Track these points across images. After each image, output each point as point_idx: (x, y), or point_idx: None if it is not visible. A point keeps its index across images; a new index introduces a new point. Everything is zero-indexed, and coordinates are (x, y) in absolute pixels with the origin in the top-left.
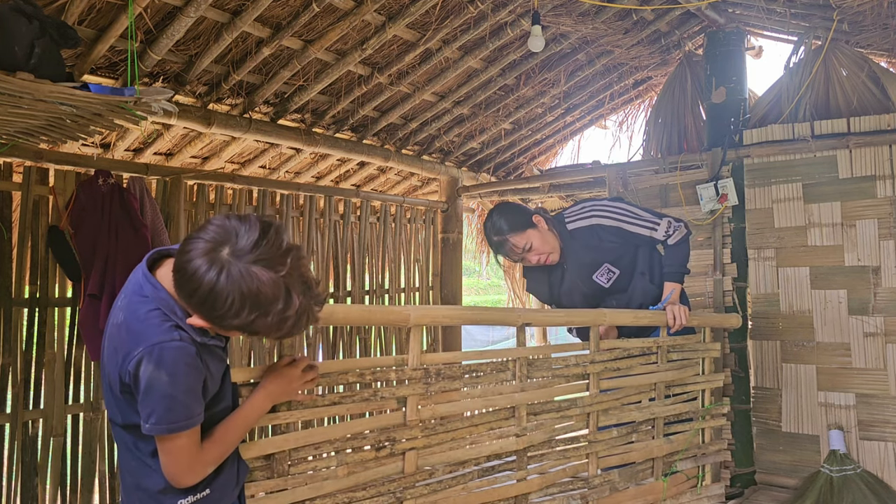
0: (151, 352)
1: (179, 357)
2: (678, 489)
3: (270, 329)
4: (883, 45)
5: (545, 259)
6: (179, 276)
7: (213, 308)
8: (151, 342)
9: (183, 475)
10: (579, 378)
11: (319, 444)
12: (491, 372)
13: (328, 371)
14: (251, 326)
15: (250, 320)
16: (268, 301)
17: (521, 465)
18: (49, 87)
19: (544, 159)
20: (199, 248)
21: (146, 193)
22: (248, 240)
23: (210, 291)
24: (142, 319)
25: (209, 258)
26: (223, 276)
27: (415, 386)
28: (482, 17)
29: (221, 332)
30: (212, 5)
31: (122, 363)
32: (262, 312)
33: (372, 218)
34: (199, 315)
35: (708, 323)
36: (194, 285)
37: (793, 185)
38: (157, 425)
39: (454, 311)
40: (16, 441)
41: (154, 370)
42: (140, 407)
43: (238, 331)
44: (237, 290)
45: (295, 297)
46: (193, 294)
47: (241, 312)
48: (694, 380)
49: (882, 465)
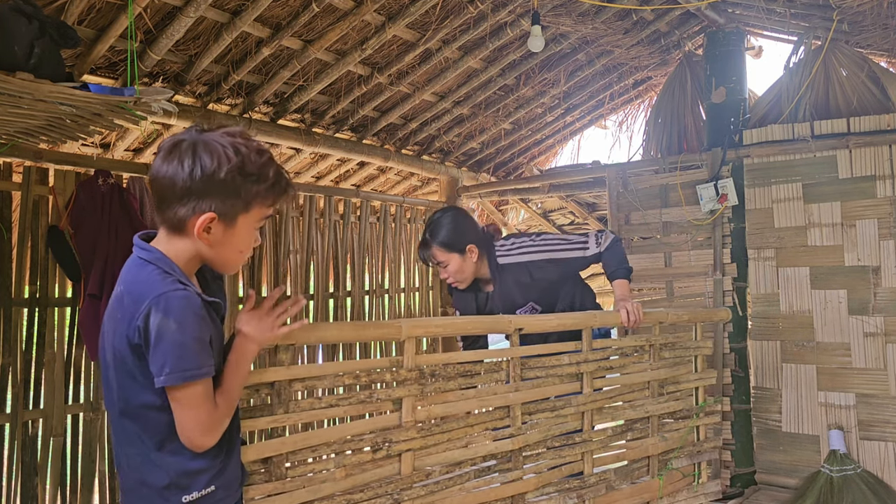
0: (158, 302)
1: (186, 305)
2: (674, 487)
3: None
4: (883, 45)
5: (452, 282)
6: (159, 192)
7: (202, 174)
8: (157, 293)
9: (202, 433)
10: (573, 378)
11: (317, 447)
12: (485, 372)
13: (324, 373)
14: (242, 172)
15: (239, 163)
16: (244, 145)
17: (517, 464)
18: (49, 87)
19: (544, 159)
20: (161, 156)
21: (146, 193)
22: (197, 128)
23: (193, 167)
24: (142, 279)
25: (175, 153)
26: (197, 149)
27: (410, 387)
28: (482, 17)
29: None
30: (212, 5)
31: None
32: (244, 154)
33: (372, 218)
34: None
35: (697, 318)
36: (172, 174)
37: (793, 185)
38: (171, 374)
39: (446, 322)
40: (16, 441)
41: (163, 318)
42: (151, 361)
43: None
44: (211, 148)
45: (263, 146)
46: (176, 183)
47: (226, 159)
48: (687, 378)
49: (882, 465)
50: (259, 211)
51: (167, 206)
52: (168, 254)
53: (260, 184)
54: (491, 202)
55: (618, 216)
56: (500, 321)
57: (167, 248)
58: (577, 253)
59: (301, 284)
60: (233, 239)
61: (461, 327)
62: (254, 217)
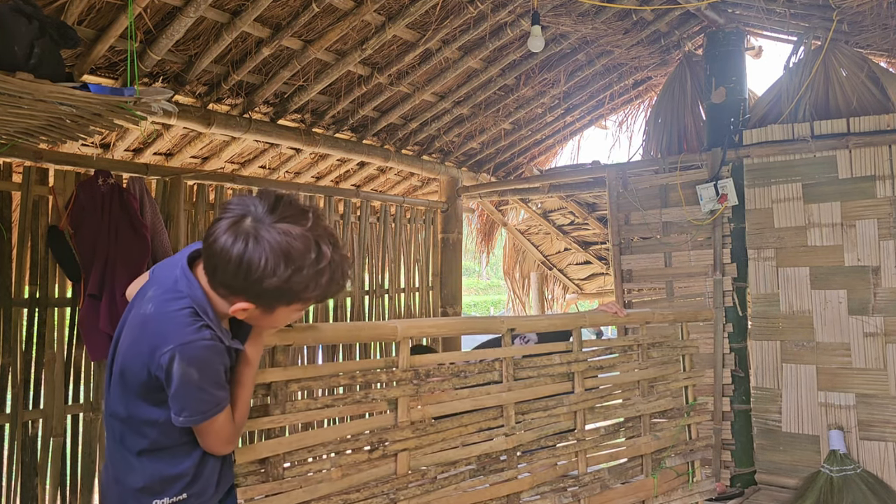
0: (183, 350)
1: (210, 355)
2: (669, 485)
3: (308, 285)
4: (882, 45)
5: None
6: (209, 258)
7: (249, 274)
8: (182, 341)
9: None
10: (564, 378)
11: (313, 447)
12: (478, 372)
13: (319, 374)
14: (289, 284)
15: (287, 277)
16: (300, 254)
17: (512, 464)
18: (49, 87)
19: (544, 159)
20: (222, 226)
21: (146, 193)
22: (267, 205)
23: (242, 260)
24: (172, 316)
25: (233, 231)
26: (251, 241)
27: (404, 387)
28: (482, 17)
29: (263, 310)
30: (211, 5)
31: (149, 357)
32: (297, 267)
33: (372, 218)
34: (237, 294)
35: (682, 318)
36: (225, 259)
37: (793, 185)
38: (190, 417)
39: (440, 322)
40: (16, 441)
41: (186, 367)
42: (172, 400)
43: (278, 297)
44: (268, 248)
45: (325, 248)
46: (226, 269)
47: (276, 270)
48: (676, 377)
49: (882, 465)
50: (302, 305)
51: (212, 275)
52: (209, 295)
53: (306, 293)
54: (491, 202)
55: (618, 216)
56: (492, 322)
57: (209, 289)
58: None
59: None
60: (270, 321)
61: (455, 327)
62: (295, 307)
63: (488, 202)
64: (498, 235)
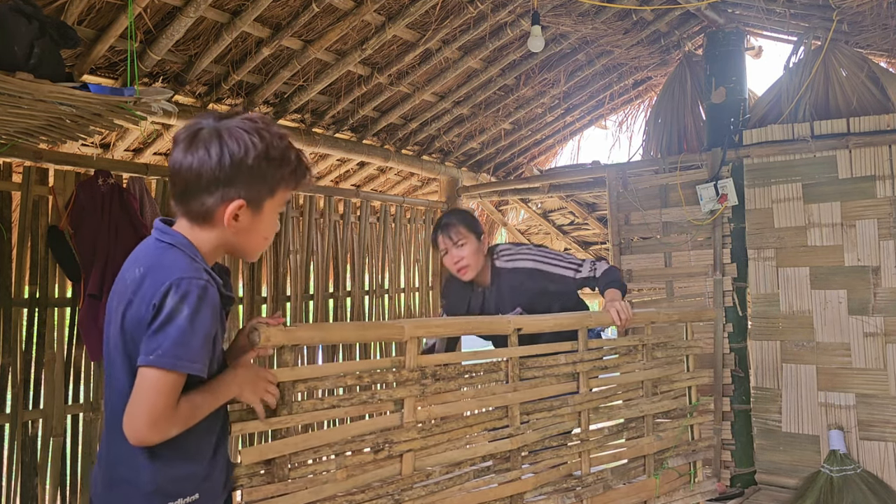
0: (179, 283)
1: (205, 296)
2: (671, 486)
3: (283, 158)
4: (882, 45)
5: (462, 264)
6: (182, 182)
7: (231, 160)
8: (180, 275)
9: (150, 425)
10: (569, 378)
11: (318, 448)
12: (484, 373)
13: (325, 374)
14: (268, 159)
15: (264, 149)
16: (265, 129)
17: (516, 464)
18: (49, 87)
19: (544, 159)
20: (181, 148)
21: (146, 193)
22: (213, 116)
23: (221, 154)
24: (167, 263)
25: (197, 144)
26: (223, 136)
27: (411, 388)
28: (482, 17)
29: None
30: (211, 5)
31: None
32: (268, 140)
33: (372, 218)
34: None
35: (686, 318)
36: (202, 165)
37: (792, 185)
38: (162, 357)
39: (448, 322)
40: (15, 441)
41: (178, 302)
42: (148, 339)
43: (262, 180)
44: (238, 133)
45: (282, 130)
46: (206, 172)
47: (254, 144)
48: (679, 377)
49: (882, 465)
50: (283, 195)
51: (192, 197)
52: (192, 242)
53: (284, 168)
54: (491, 202)
55: (618, 216)
56: (498, 321)
57: (191, 236)
58: (568, 272)
59: (301, 284)
60: (259, 225)
61: (462, 327)
62: (278, 202)
63: (488, 202)
64: (498, 235)
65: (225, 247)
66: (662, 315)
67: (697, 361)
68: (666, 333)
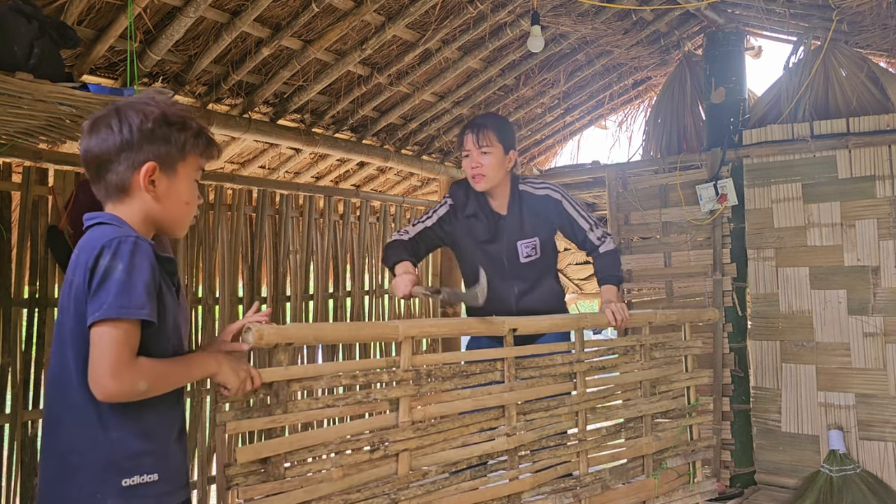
0: (110, 244)
1: (137, 249)
2: (670, 486)
3: (186, 121)
4: (882, 45)
5: (479, 171)
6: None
7: (131, 126)
8: (109, 238)
9: (113, 374)
10: (566, 377)
11: (314, 447)
12: (480, 372)
13: (321, 374)
14: (169, 120)
15: (163, 111)
16: (162, 98)
17: (513, 464)
18: (48, 87)
19: (544, 159)
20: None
21: None
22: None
23: (120, 123)
24: (95, 235)
25: (98, 124)
26: (121, 111)
27: (406, 387)
28: (482, 17)
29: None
30: (211, 5)
31: (83, 277)
32: (165, 105)
33: (371, 218)
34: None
35: (685, 318)
36: (105, 138)
37: (792, 185)
38: (108, 309)
39: (442, 322)
40: (15, 441)
41: (111, 259)
42: (91, 300)
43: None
44: (135, 102)
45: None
46: (112, 142)
47: (152, 107)
48: (678, 377)
49: (882, 465)
50: (194, 160)
51: (105, 171)
52: (119, 217)
53: (186, 131)
54: None
55: (617, 216)
56: (494, 322)
57: (116, 213)
58: (585, 224)
59: (300, 285)
60: (177, 189)
61: (456, 328)
62: (191, 166)
63: None
64: None
65: (151, 220)
66: (661, 315)
67: (697, 361)
68: (665, 334)
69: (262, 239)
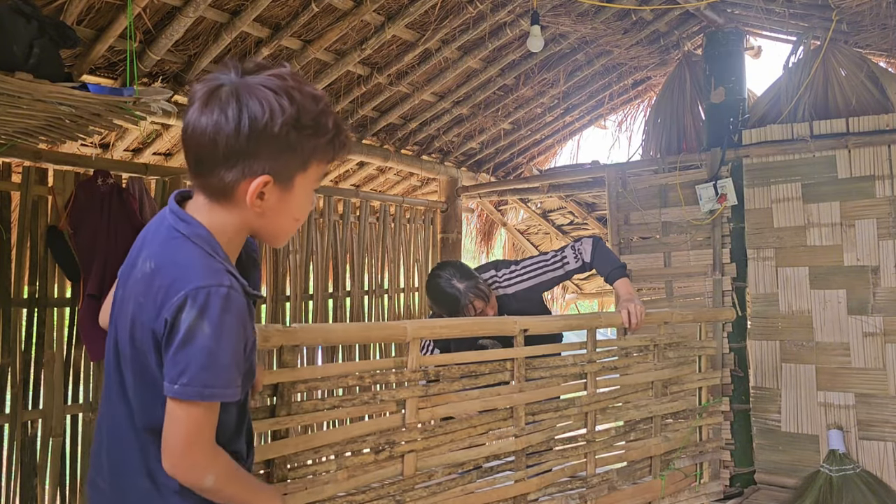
0: (196, 295)
1: (229, 307)
2: (676, 487)
3: (318, 124)
4: (882, 45)
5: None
6: (196, 148)
7: (253, 126)
8: (196, 284)
9: (182, 453)
10: (577, 378)
11: (319, 448)
12: (489, 373)
13: (327, 375)
14: (299, 125)
15: (295, 113)
16: (295, 88)
17: (520, 465)
18: (48, 87)
19: (543, 159)
20: (196, 107)
21: (145, 194)
22: (235, 69)
23: (240, 117)
24: (181, 260)
25: (214, 103)
26: (242, 97)
27: (413, 388)
28: (481, 17)
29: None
30: (211, 5)
31: (156, 316)
32: (300, 102)
33: (371, 218)
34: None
35: (702, 318)
36: (219, 130)
37: (792, 185)
38: (188, 386)
39: (452, 323)
40: (15, 441)
41: (197, 318)
42: (169, 363)
43: (292, 151)
44: (263, 93)
45: (316, 89)
46: (224, 139)
47: (283, 107)
48: (691, 378)
49: (881, 464)
50: (317, 168)
51: (208, 169)
52: (211, 229)
53: (318, 137)
54: (490, 202)
55: (617, 216)
56: (504, 322)
57: (209, 220)
58: (558, 271)
59: (300, 285)
60: (289, 205)
61: (467, 328)
62: (312, 176)
63: (488, 202)
64: (497, 235)
65: (249, 230)
66: (677, 315)
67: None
68: (679, 333)
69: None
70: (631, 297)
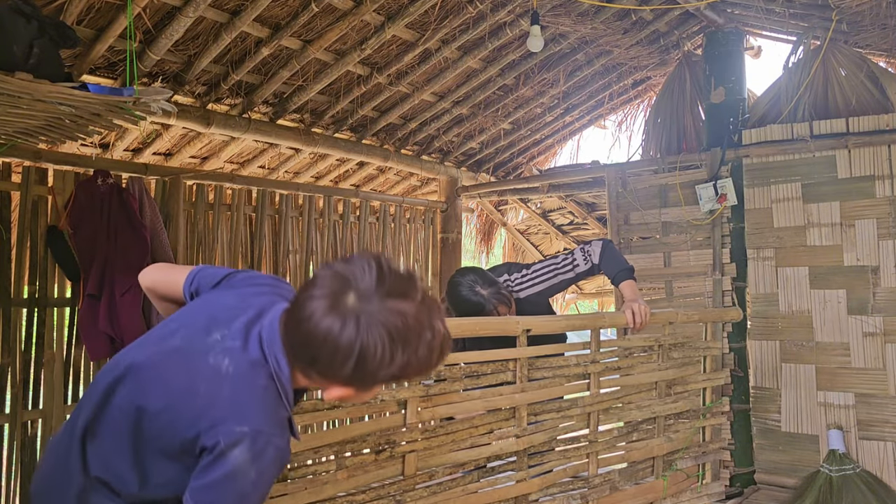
0: (257, 440)
1: (278, 461)
2: (678, 487)
3: (421, 366)
4: (882, 45)
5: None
6: (306, 348)
7: (362, 365)
8: (261, 428)
9: None
10: (580, 378)
11: (319, 448)
12: (491, 373)
13: None
14: (404, 370)
15: (403, 363)
16: (416, 335)
17: (522, 465)
18: (48, 87)
19: (543, 159)
20: (321, 305)
21: (145, 194)
22: (370, 276)
23: (353, 349)
24: (256, 393)
25: (337, 312)
26: (362, 325)
27: (414, 388)
28: (481, 17)
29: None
30: (211, 5)
31: (206, 421)
32: (413, 350)
33: (371, 218)
34: (342, 384)
35: (707, 318)
36: (331, 348)
37: (792, 184)
38: None
39: (455, 323)
40: (15, 441)
41: (248, 462)
42: (201, 481)
43: (386, 381)
44: (383, 333)
45: (437, 324)
46: (332, 358)
47: (394, 357)
48: (695, 378)
49: (881, 464)
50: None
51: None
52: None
53: (415, 374)
54: (490, 202)
55: (617, 216)
56: (508, 322)
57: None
58: (569, 274)
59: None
60: (358, 398)
61: (469, 328)
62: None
63: (487, 202)
64: (497, 235)
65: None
66: (682, 315)
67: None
68: (684, 334)
69: (262, 239)
70: (635, 298)
